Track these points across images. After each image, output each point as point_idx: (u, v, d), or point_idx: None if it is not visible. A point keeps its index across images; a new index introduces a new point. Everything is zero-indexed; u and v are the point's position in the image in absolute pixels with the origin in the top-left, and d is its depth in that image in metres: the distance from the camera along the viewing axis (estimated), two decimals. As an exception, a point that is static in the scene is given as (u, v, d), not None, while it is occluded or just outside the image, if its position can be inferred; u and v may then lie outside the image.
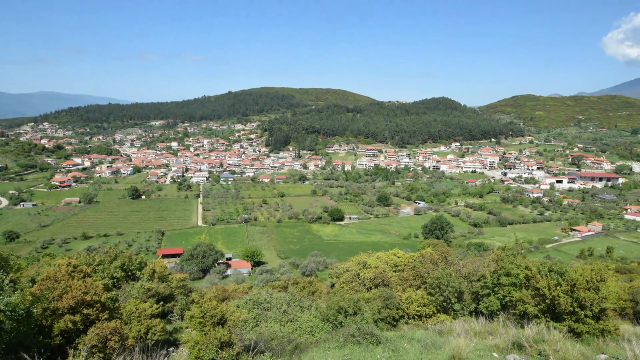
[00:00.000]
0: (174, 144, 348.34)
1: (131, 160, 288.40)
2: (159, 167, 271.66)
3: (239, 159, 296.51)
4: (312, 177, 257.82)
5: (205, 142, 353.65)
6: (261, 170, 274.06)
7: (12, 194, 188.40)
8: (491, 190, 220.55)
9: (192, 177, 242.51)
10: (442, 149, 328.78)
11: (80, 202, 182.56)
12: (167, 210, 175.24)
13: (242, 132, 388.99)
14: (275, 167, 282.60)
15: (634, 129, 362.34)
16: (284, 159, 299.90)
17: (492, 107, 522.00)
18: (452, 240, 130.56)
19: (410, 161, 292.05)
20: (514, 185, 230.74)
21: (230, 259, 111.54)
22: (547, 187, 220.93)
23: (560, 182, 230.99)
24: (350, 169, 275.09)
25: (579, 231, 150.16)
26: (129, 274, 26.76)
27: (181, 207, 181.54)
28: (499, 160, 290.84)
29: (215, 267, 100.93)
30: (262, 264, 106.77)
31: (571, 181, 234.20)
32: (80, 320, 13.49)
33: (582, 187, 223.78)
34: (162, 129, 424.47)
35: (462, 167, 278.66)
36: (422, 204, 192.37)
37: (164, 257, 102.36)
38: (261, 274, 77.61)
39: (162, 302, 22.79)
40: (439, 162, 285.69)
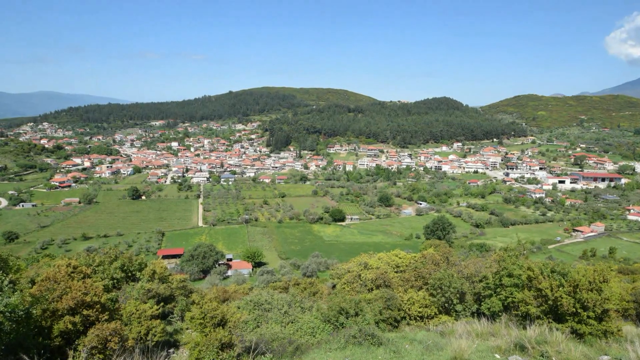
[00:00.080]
0: (175, 144, 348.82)
1: (131, 160, 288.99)
2: (159, 167, 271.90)
3: (240, 159, 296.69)
4: (313, 177, 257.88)
5: (205, 142, 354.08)
6: (262, 170, 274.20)
7: (11, 194, 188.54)
8: (493, 190, 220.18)
9: (192, 178, 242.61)
10: (444, 149, 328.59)
11: (80, 202, 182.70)
12: (168, 210, 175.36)
13: (243, 132, 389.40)
14: (276, 167, 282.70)
15: (636, 129, 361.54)
16: (285, 159, 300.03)
17: (494, 107, 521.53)
18: (454, 240, 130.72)
19: (411, 161, 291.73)
20: (516, 185, 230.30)
21: (230, 260, 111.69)
22: (550, 187, 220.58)
23: (562, 182, 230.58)
24: (351, 169, 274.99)
25: (581, 232, 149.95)
26: (129, 274, 26.73)
27: (181, 207, 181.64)
28: (501, 160, 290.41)
29: (215, 268, 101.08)
30: (263, 264, 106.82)
31: (574, 181, 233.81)
32: (80, 321, 13.45)
33: (584, 187, 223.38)
34: (162, 129, 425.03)
35: (464, 168, 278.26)
36: (423, 205, 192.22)
37: (164, 257, 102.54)
38: (262, 275, 77.64)
39: (162, 303, 22.73)
40: (441, 163, 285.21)
